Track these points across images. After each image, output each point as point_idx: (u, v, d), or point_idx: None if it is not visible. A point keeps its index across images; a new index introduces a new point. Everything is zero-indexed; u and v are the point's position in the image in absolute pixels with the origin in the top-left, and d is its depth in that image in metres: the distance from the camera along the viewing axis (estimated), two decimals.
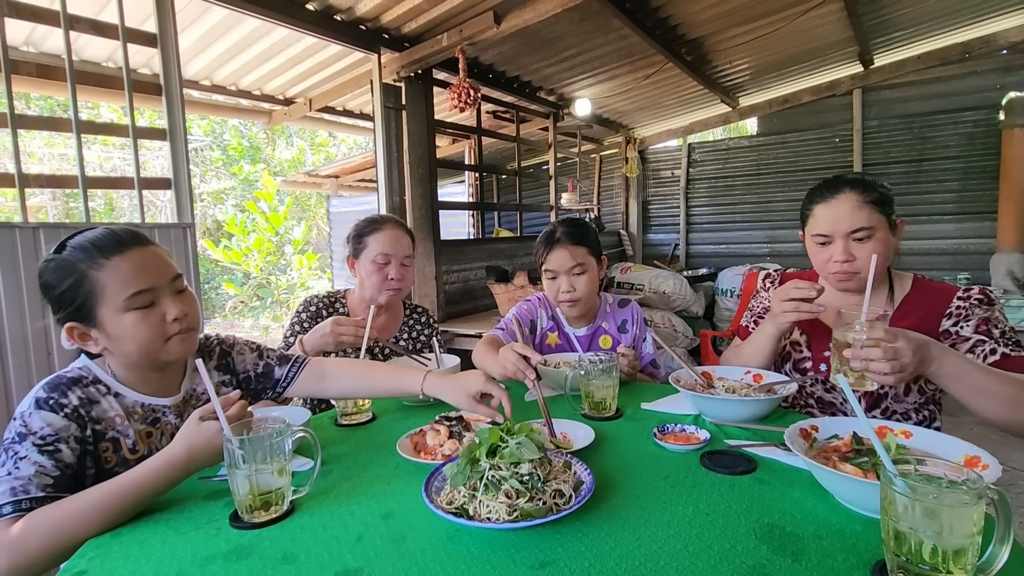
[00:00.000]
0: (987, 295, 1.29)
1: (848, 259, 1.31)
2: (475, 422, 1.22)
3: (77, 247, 1.00)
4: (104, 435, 1.01)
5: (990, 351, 1.22)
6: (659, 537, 0.77)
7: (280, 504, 0.88)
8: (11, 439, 0.92)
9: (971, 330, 1.25)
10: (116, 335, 1.00)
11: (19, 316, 1.90)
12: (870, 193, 1.30)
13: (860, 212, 1.29)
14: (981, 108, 4.87)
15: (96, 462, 0.99)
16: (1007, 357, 1.20)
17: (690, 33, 3.89)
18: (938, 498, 0.61)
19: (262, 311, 8.20)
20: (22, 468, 0.88)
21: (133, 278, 1.00)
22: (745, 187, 6.14)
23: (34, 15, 2.09)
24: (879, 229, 1.29)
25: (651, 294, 4.63)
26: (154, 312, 1.02)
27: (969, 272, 4.64)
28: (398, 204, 3.55)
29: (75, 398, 0.98)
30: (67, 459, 0.93)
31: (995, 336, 1.23)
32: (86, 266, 0.98)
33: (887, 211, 1.30)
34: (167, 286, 1.04)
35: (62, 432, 0.94)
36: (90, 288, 0.98)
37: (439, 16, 3.07)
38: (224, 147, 11.03)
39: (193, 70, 3.66)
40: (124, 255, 1.00)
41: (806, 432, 0.99)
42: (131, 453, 1.04)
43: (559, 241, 1.68)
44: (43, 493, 0.88)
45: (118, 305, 0.99)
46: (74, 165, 2.16)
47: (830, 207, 1.33)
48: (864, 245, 1.30)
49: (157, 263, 1.04)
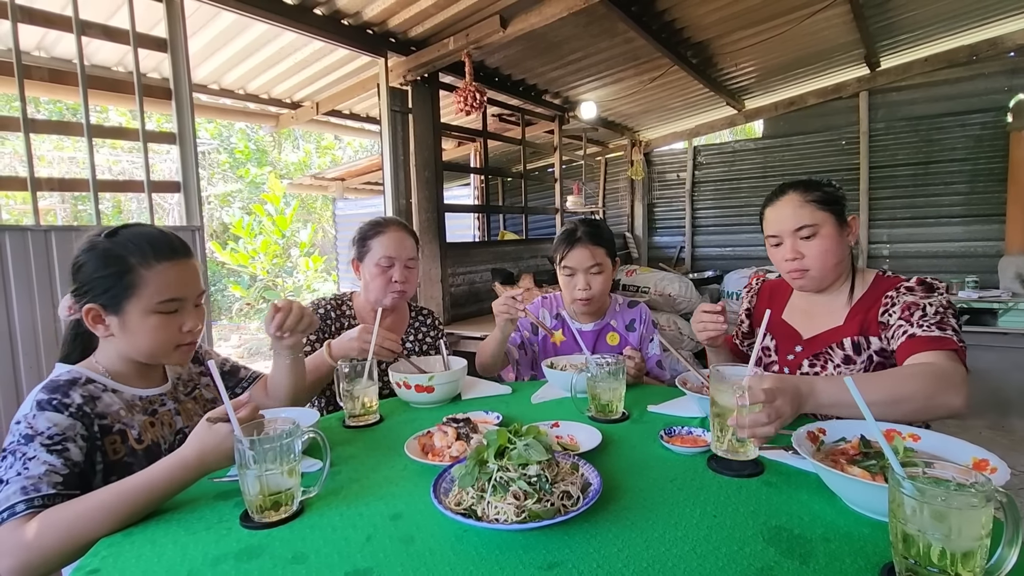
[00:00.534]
0: (924, 283, 1.28)
1: (796, 256, 1.36)
2: (482, 424, 1.23)
3: (133, 241, 1.05)
4: (111, 428, 1.03)
5: (903, 332, 1.21)
6: (667, 539, 0.78)
7: (290, 504, 0.88)
8: (16, 442, 0.92)
9: (896, 317, 1.26)
10: (134, 330, 1.05)
11: (30, 317, 1.92)
12: (812, 192, 1.35)
13: (802, 210, 1.34)
14: (989, 110, 4.85)
15: (104, 456, 1.01)
16: (912, 337, 1.18)
17: (696, 36, 3.89)
18: (947, 501, 0.61)
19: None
20: (31, 468, 0.89)
21: (171, 286, 1.06)
22: (751, 190, 6.13)
23: (47, 20, 2.12)
24: (823, 226, 1.33)
25: (656, 297, 4.62)
26: (174, 320, 1.08)
27: (977, 275, 4.61)
28: (404, 207, 3.57)
29: (77, 397, 1.00)
30: (75, 457, 0.94)
31: (914, 319, 1.21)
32: (136, 261, 1.03)
33: (833, 209, 1.34)
34: (192, 299, 1.11)
35: (68, 431, 0.95)
36: (131, 282, 1.03)
37: (446, 20, 3.09)
38: (231, 150, 11.11)
39: (202, 74, 3.70)
40: (173, 263, 1.07)
41: (813, 435, 0.99)
42: (137, 443, 1.06)
43: (580, 240, 1.74)
44: (54, 490, 0.88)
45: (149, 306, 1.04)
46: (83, 168, 2.18)
47: (775, 208, 1.39)
48: (811, 243, 1.34)
49: (193, 277, 1.11)
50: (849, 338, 1.34)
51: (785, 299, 1.53)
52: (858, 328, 1.34)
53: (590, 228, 1.77)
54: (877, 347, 1.32)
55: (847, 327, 1.36)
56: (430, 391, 1.42)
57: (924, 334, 1.18)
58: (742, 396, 0.93)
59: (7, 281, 1.88)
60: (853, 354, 1.34)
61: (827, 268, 1.35)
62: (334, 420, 1.37)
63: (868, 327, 1.33)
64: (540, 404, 1.46)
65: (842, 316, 1.38)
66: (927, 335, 1.17)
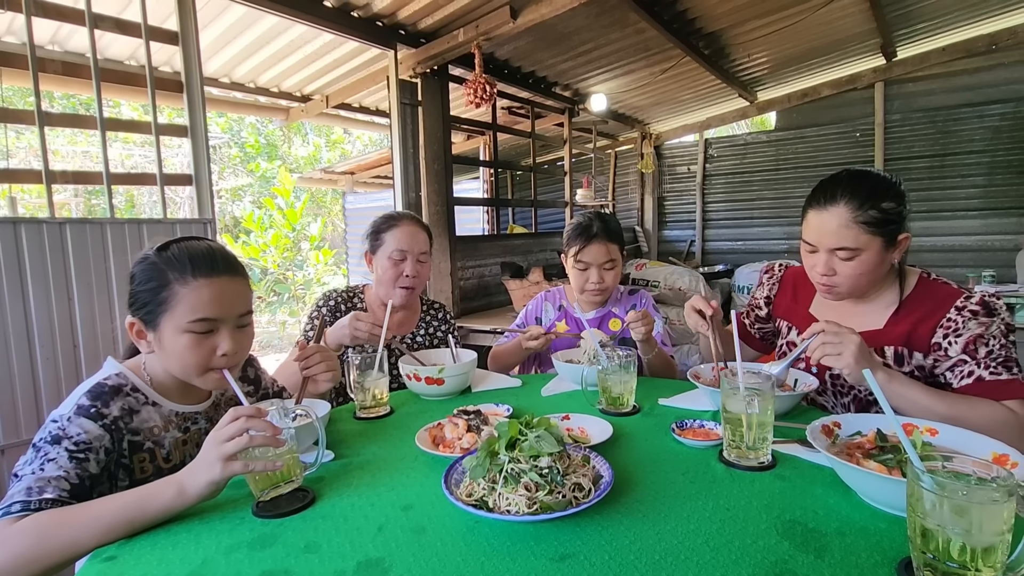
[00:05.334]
0: (987, 305, 1.17)
1: (828, 273, 1.25)
2: (493, 416, 1.22)
3: (176, 256, 1.01)
4: (141, 446, 1.01)
5: (967, 373, 1.15)
6: (679, 532, 0.77)
7: (293, 480, 0.90)
8: (45, 439, 0.91)
9: (959, 348, 1.16)
10: (167, 348, 1.02)
11: (47, 309, 1.95)
12: (865, 211, 1.17)
13: (848, 232, 1.19)
14: (1008, 101, 4.76)
15: (130, 473, 0.99)
16: (980, 381, 1.13)
17: (708, 27, 3.85)
18: (967, 495, 0.60)
19: (279, 306, 8.30)
20: (47, 469, 0.88)
21: (205, 305, 1.00)
22: (763, 183, 6.06)
23: (60, 14, 2.13)
24: (866, 250, 1.19)
25: (667, 291, 4.59)
26: (208, 341, 1.02)
27: (994, 269, 4.52)
28: (414, 200, 3.57)
29: (116, 409, 0.98)
30: (91, 469, 0.92)
31: (979, 356, 1.15)
32: (174, 277, 1.00)
33: (885, 231, 1.18)
34: (232, 319, 1.05)
35: (95, 442, 0.93)
36: (167, 297, 0.99)
37: (455, 12, 3.07)
38: (241, 144, 11.16)
39: (212, 68, 3.71)
40: (210, 280, 1.01)
41: (828, 429, 0.97)
42: (165, 462, 1.04)
43: (597, 236, 1.76)
44: (55, 496, 0.86)
45: (180, 324, 1.00)
46: (96, 162, 2.20)
47: (820, 217, 1.23)
48: (847, 264, 1.22)
49: (234, 296, 1.05)
50: (892, 347, 1.25)
51: (812, 291, 1.43)
52: (902, 339, 1.24)
53: (605, 224, 1.80)
54: (920, 363, 1.23)
55: (888, 333, 1.26)
56: (440, 383, 1.42)
57: (992, 378, 1.13)
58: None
59: (24, 273, 1.90)
60: (894, 364, 1.25)
61: (859, 287, 1.25)
62: (345, 412, 1.38)
63: (915, 341, 1.22)
64: (550, 397, 1.46)
65: (881, 319, 1.28)
66: (995, 379, 1.12)
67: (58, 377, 1.98)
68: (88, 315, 2.04)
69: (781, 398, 1.18)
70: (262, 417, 0.88)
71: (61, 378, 1.99)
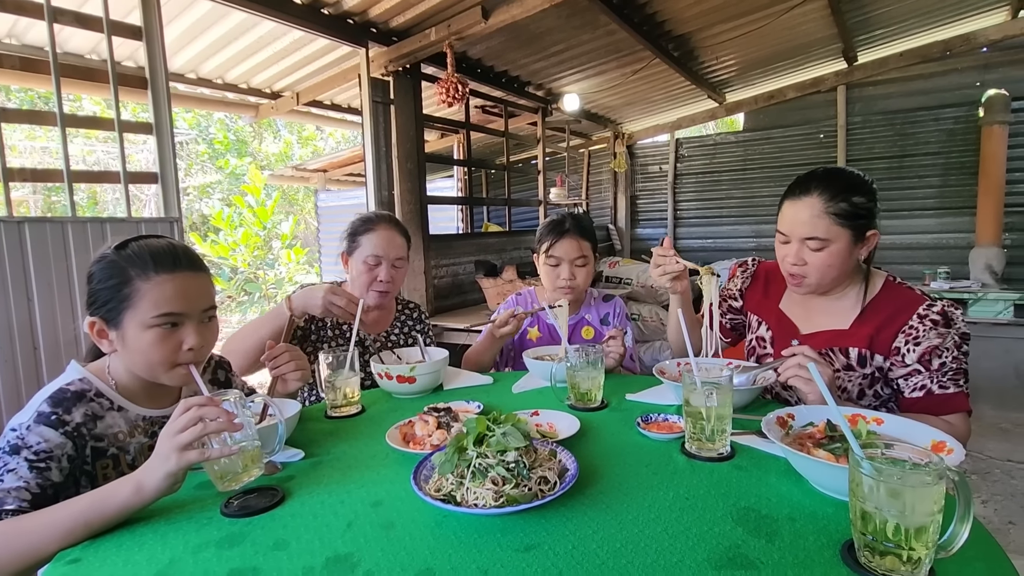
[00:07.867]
0: (946, 315, 1.23)
1: (797, 263, 1.30)
2: (464, 413, 1.24)
3: (136, 253, 1.01)
4: (104, 452, 0.99)
5: (919, 386, 1.23)
6: (640, 521, 0.80)
7: (256, 467, 0.91)
8: (3, 448, 0.89)
9: (915, 357, 1.23)
10: (131, 346, 1.01)
11: (5, 310, 1.89)
12: (838, 202, 1.23)
13: (819, 222, 1.24)
14: (961, 105, 4.97)
15: (92, 480, 0.97)
16: (930, 394, 1.22)
17: (677, 29, 3.92)
18: (901, 479, 0.64)
19: (250, 306, 8.14)
20: (7, 480, 0.86)
21: (169, 300, 1.00)
22: (732, 182, 6.21)
23: (18, 8, 2.07)
24: (836, 241, 1.25)
25: (639, 288, 4.67)
26: (173, 336, 1.02)
27: (948, 266, 4.74)
28: (387, 199, 3.56)
29: (79, 415, 0.97)
30: (54, 478, 0.91)
31: (932, 368, 1.22)
32: (135, 273, 0.99)
33: (854, 224, 1.24)
34: (196, 315, 1.05)
35: (56, 450, 0.92)
36: (129, 294, 0.99)
37: (427, 10, 3.07)
38: (210, 141, 10.91)
39: (179, 63, 3.63)
40: (173, 275, 1.01)
41: (782, 420, 1.02)
42: (130, 468, 1.02)
43: (568, 231, 1.78)
44: (15, 507, 0.84)
45: (144, 320, 0.99)
46: (56, 159, 2.14)
47: (795, 207, 1.29)
48: (816, 254, 1.27)
49: (197, 291, 1.05)
50: (856, 349, 1.31)
51: (783, 286, 1.48)
52: (866, 340, 1.29)
53: (578, 221, 1.82)
54: (879, 364, 1.29)
55: (853, 335, 1.32)
56: (412, 381, 1.43)
57: (940, 392, 1.21)
58: (711, 395, 0.98)
59: None
60: (856, 365, 1.31)
61: (826, 280, 1.30)
62: (316, 411, 1.38)
63: (878, 344, 1.28)
64: (521, 394, 1.48)
65: (847, 320, 1.33)
66: (942, 392, 1.21)
67: (17, 381, 1.93)
68: (49, 316, 1.99)
69: (740, 392, 1.22)
70: (216, 405, 0.87)
71: (21, 381, 1.93)
